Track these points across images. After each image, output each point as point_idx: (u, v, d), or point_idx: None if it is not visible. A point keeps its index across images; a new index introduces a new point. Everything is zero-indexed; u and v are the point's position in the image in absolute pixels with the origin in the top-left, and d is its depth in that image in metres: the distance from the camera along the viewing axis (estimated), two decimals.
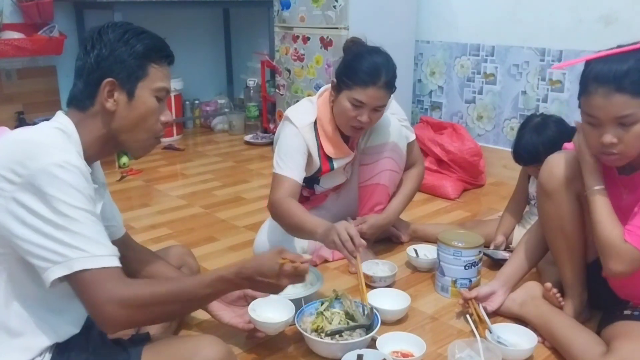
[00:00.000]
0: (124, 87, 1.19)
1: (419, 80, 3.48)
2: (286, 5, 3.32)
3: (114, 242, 1.14)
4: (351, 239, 1.62)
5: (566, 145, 1.63)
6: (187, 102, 4.33)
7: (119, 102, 1.19)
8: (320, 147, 2.00)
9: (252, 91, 4.21)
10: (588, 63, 1.37)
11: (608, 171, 1.49)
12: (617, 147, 1.37)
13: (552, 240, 1.67)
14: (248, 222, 2.52)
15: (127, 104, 1.20)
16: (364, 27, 2.93)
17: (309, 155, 1.97)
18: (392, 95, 1.95)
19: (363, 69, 1.85)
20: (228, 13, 4.56)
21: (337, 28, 3.07)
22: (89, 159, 1.19)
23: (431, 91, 3.44)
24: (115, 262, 1.08)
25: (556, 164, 1.58)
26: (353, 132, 1.97)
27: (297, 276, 1.26)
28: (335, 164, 2.04)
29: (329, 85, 2.00)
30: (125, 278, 1.10)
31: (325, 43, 3.15)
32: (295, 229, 1.85)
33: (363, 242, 1.65)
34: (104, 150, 1.25)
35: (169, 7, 3.98)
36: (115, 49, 1.18)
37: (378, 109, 1.90)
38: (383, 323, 1.61)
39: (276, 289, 1.26)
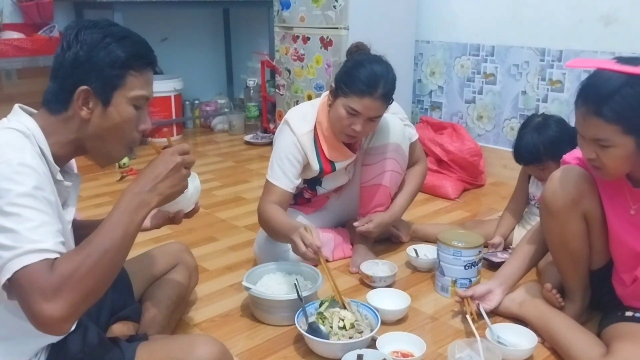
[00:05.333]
0: (99, 95, 1.14)
1: (419, 80, 3.48)
2: (286, 5, 3.32)
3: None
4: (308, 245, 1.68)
5: (565, 157, 1.59)
6: (187, 102, 4.33)
7: (94, 110, 1.14)
8: (320, 151, 2.00)
9: (252, 91, 4.21)
10: (594, 72, 1.33)
11: (619, 182, 1.45)
12: (595, 162, 1.36)
13: (554, 252, 1.66)
14: (248, 222, 2.52)
15: (102, 112, 1.15)
16: (364, 27, 2.95)
17: (307, 163, 1.98)
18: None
19: (361, 78, 1.82)
20: (228, 13, 4.55)
21: (337, 28, 3.07)
22: (60, 160, 1.15)
23: (431, 91, 3.44)
24: (45, 255, 0.96)
25: (560, 184, 1.52)
26: (347, 139, 1.97)
27: (185, 152, 1.16)
28: (337, 165, 2.04)
29: None
30: (51, 265, 0.97)
31: (325, 43, 3.15)
32: (275, 234, 1.88)
33: (319, 244, 1.67)
34: (75, 154, 1.20)
35: (169, 7, 3.97)
36: (93, 54, 1.12)
37: (373, 120, 1.89)
38: (383, 323, 1.61)
39: (178, 173, 1.14)
